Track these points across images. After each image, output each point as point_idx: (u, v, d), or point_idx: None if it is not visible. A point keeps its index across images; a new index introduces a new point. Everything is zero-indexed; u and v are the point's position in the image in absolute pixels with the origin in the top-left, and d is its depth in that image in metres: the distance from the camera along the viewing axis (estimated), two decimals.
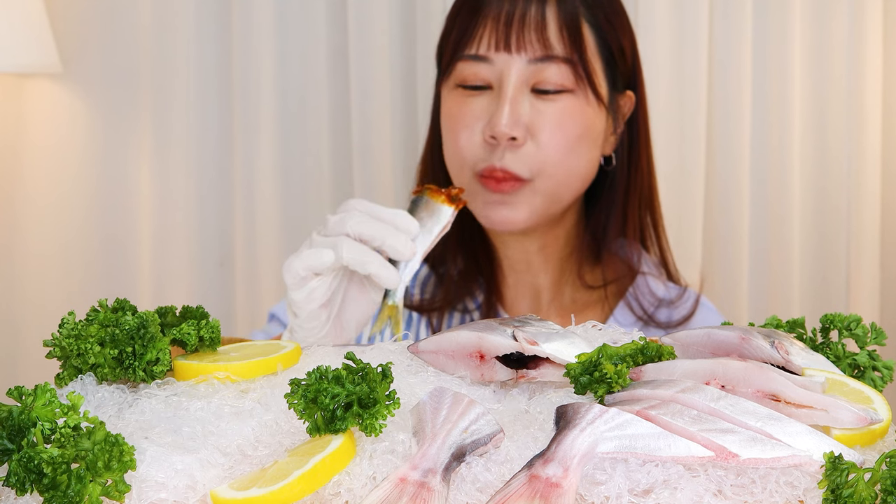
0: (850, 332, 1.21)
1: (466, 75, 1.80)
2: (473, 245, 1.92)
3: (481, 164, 1.79)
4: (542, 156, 1.78)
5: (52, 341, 1.18)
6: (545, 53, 1.77)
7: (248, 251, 2.78)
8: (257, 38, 2.73)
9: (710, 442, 0.98)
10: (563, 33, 1.78)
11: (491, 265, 1.92)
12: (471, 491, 0.99)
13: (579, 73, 1.78)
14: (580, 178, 1.83)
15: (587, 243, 1.92)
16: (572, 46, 1.78)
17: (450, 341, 1.19)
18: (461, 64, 1.81)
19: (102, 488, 0.96)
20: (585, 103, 1.80)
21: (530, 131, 1.78)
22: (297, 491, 0.96)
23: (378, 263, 1.45)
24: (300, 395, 1.02)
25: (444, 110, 1.85)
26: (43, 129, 2.83)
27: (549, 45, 1.77)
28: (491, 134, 1.77)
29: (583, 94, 1.79)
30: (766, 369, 1.07)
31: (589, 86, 1.79)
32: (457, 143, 1.81)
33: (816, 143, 2.74)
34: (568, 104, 1.78)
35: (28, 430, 0.99)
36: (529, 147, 1.78)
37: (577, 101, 1.79)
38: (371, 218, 1.46)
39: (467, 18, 1.81)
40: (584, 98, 1.79)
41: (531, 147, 1.78)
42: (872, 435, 1.05)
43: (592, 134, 1.82)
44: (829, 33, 2.71)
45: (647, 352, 1.13)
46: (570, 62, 1.78)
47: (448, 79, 1.84)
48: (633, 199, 1.90)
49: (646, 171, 1.92)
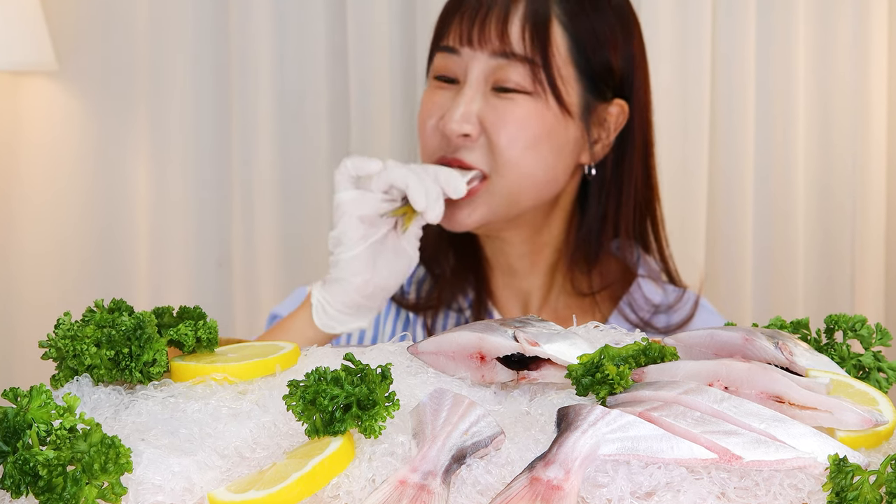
0: (855, 333, 1.21)
1: (439, 67, 1.81)
2: (462, 244, 1.91)
3: (436, 155, 1.80)
4: (493, 152, 1.76)
5: (48, 342, 1.18)
6: (503, 49, 1.75)
7: (247, 251, 2.77)
8: (255, 37, 2.72)
9: (714, 444, 0.98)
10: (526, 33, 1.75)
11: (480, 264, 1.91)
12: (471, 493, 0.98)
13: (539, 76, 1.75)
14: (538, 183, 1.79)
15: (579, 251, 1.90)
16: (534, 47, 1.75)
17: (450, 342, 1.19)
18: (438, 55, 1.82)
19: (99, 491, 0.96)
20: (545, 108, 1.76)
21: (484, 128, 1.76)
22: (296, 493, 0.96)
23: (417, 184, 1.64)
24: (299, 396, 1.02)
25: (421, 103, 1.86)
26: (39, 127, 2.82)
27: (507, 42, 1.75)
28: (443, 130, 1.78)
29: (542, 99, 1.76)
30: (770, 370, 1.07)
31: (551, 91, 1.76)
32: (423, 134, 1.83)
33: (821, 141, 2.74)
34: (526, 106, 1.75)
35: (23, 431, 0.98)
36: (482, 143, 1.77)
37: (536, 105, 1.76)
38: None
39: (449, 11, 1.82)
40: (544, 102, 1.76)
41: (483, 143, 1.77)
42: (877, 437, 1.04)
43: (554, 140, 1.78)
44: (834, 30, 2.70)
45: (650, 353, 1.12)
46: (530, 63, 1.75)
47: (429, 71, 1.85)
48: (626, 209, 1.87)
49: (641, 180, 1.88)
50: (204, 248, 2.82)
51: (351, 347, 1.32)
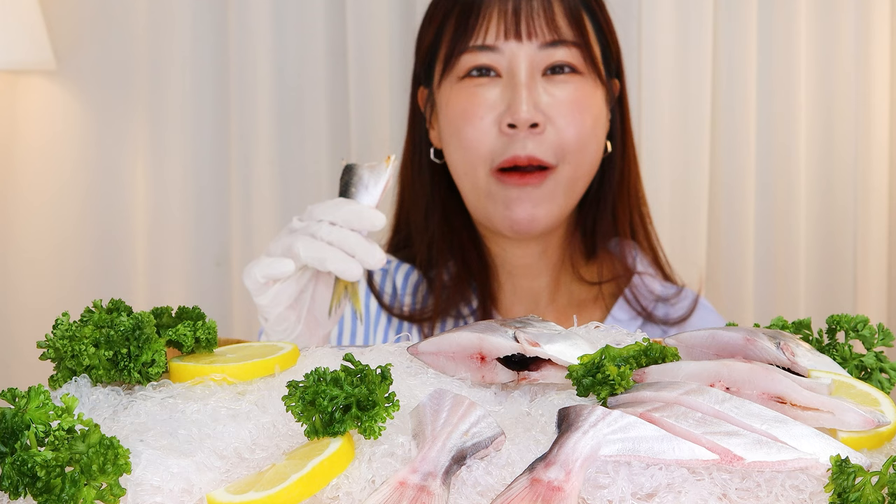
0: (857, 334, 1.20)
1: (471, 64, 1.79)
2: (464, 250, 1.89)
3: (499, 158, 1.77)
4: (562, 140, 1.78)
5: (46, 342, 1.18)
6: (554, 38, 1.78)
7: (245, 251, 2.77)
8: (254, 35, 2.72)
9: (715, 445, 0.98)
10: (569, 20, 1.79)
11: (485, 270, 1.89)
12: (471, 495, 0.98)
13: (587, 56, 1.80)
14: (594, 164, 1.84)
15: (579, 238, 1.91)
16: (578, 32, 1.80)
17: (450, 343, 1.18)
18: (466, 56, 1.79)
19: (97, 492, 0.95)
20: (594, 87, 1.81)
21: (548, 117, 1.77)
22: (295, 495, 0.96)
23: (336, 259, 1.45)
24: (298, 397, 1.02)
25: (448, 108, 1.81)
26: (37, 126, 2.82)
27: (558, 31, 1.78)
28: (510, 122, 1.75)
29: (591, 79, 1.81)
30: (772, 371, 1.07)
31: (595, 70, 1.81)
32: (469, 139, 1.78)
33: (822, 141, 2.73)
34: (580, 86, 1.80)
35: (21, 432, 0.98)
36: (550, 133, 1.77)
37: (587, 85, 1.80)
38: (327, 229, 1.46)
39: (467, 12, 1.80)
40: (593, 82, 1.81)
41: (551, 132, 1.77)
42: (880, 438, 1.04)
43: (602, 119, 1.84)
44: (836, 30, 2.70)
45: (651, 353, 1.12)
46: (578, 46, 1.79)
47: (449, 75, 1.81)
48: (623, 188, 1.89)
49: (632, 157, 1.92)
50: (203, 248, 2.82)
51: (350, 348, 1.32)
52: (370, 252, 1.46)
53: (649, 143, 2.65)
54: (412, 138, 1.92)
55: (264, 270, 1.47)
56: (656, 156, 2.65)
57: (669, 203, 2.67)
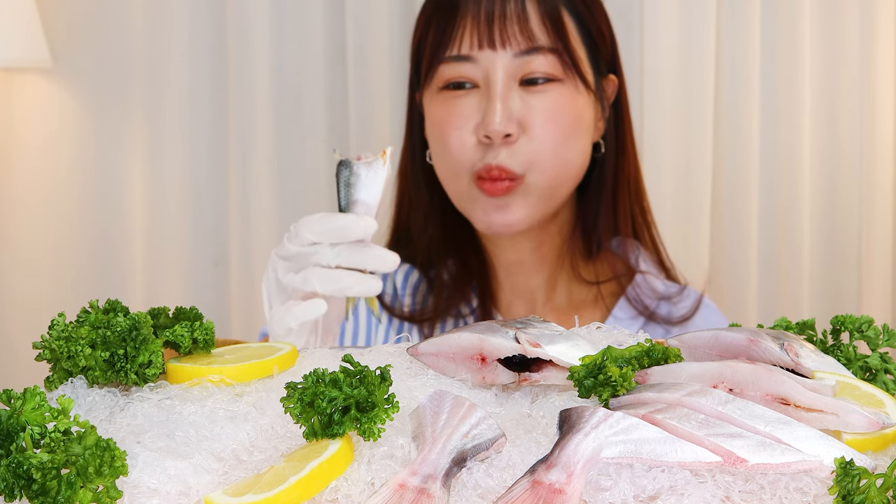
0: (862, 334, 1.20)
1: (449, 76, 1.80)
2: (463, 249, 1.90)
3: (477, 165, 1.79)
4: (533, 150, 1.78)
5: (42, 343, 1.17)
6: (530, 46, 1.77)
7: (244, 251, 2.76)
8: (252, 34, 2.71)
9: (718, 447, 0.97)
10: (546, 24, 1.78)
11: (483, 268, 1.91)
12: (472, 497, 0.97)
13: (566, 61, 1.78)
14: (574, 170, 1.83)
15: (580, 237, 1.91)
16: (556, 36, 1.78)
17: (450, 343, 1.18)
18: (443, 66, 1.80)
19: (93, 494, 0.95)
20: (575, 92, 1.80)
21: (522, 126, 1.78)
22: (294, 497, 0.95)
23: (356, 282, 1.44)
24: (296, 398, 1.01)
25: (430, 117, 1.84)
26: (33, 125, 2.81)
27: (533, 38, 1.77)
28: (485, 133, 1.77)
29: (571, 84, 1.80)
30: (776, 372, 1.06)
31: (577, 74, 1.79)
32: (450, 147, 1.80)
33: (827, 140, 2.73)
34: (558, 94, 1.79)
35: (17, 434, 0.98)
36: (522, 142, 1.78)
37: (567, 91, 1.79)
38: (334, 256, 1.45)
39: (444, 20, 1.80)
40: (574, 87, 1.80)
41: (524, 141, 1.78)
42: (884, 440, 1.04)
43: (584, 123, 1.82)
44: (840, 27, 2.70)
45: (653, 354, 1.12)
46: (555, 52, 1.78)
47: (430, 84, 1.83)
48: (623, 186, 1.90)
49: (631, 154, 1.92)
50: (200, 248, 2.81)
51: (350, 349, 1.32)
52: (382, 259, 1.45)
53: (652, 141, 2.65)
54: (410, 139, 1.93)
55: (300, 318, 1.44)
56: (659, 153, 2.65)
57: (672, 201, 2.66)
